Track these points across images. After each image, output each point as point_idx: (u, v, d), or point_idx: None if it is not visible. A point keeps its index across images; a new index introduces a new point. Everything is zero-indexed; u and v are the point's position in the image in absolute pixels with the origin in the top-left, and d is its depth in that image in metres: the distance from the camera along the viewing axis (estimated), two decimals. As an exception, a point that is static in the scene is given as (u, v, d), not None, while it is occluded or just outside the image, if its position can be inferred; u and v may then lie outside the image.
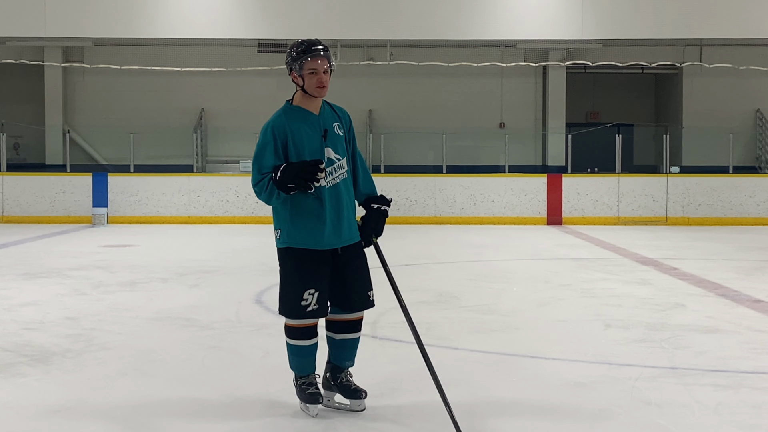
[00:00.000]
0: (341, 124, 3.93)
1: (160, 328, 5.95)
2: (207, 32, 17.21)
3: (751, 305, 6.88)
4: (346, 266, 3.87)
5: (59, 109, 19.19)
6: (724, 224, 15.82)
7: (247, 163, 17.36)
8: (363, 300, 3.93)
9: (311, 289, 3.79)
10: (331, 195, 3.80)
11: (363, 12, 16.77)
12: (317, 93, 3.80)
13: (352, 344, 3.99)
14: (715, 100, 19.31)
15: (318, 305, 3.80)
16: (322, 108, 3.89)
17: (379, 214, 3.95)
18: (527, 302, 7.13)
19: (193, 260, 9.95)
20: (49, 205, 16.16)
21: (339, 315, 3.95)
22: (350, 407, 3.94)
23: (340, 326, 3.96)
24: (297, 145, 3.78)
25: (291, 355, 3.93)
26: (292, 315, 3.86)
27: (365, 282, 3.93)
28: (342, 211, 3.83)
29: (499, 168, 17.80)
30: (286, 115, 3.84)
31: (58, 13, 16.72)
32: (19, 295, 7.29)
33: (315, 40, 3.84)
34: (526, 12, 17.12)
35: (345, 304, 3.91)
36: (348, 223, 3.86)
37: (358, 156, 4.02)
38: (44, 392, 4.27)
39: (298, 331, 3.87)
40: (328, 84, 3.80)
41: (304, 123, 3.82)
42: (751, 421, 3.83)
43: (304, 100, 3.85)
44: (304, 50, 3.78)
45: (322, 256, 3.82)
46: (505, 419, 3.79)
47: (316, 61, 3.75)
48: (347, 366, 4.01)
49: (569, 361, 4.98)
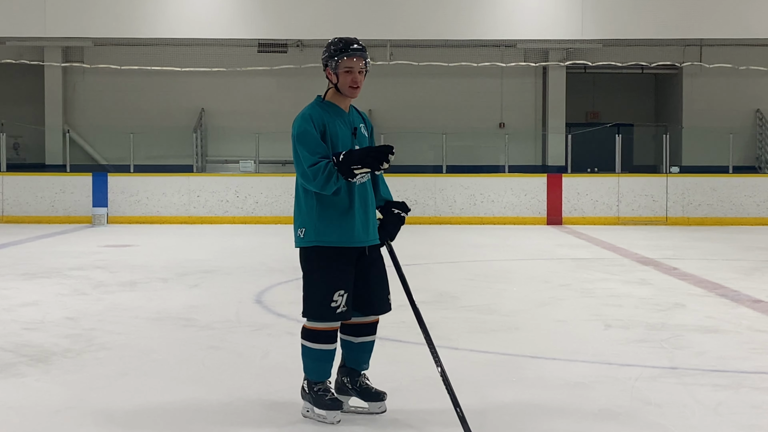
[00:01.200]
0: (365, 127, 3.95)
1: (160, 328, 5.95)
2: (207, 32, 17.22)
3: (751, 305, 6.88)
4: (370, 268, 3.83)
5: (59, 109, 19.20)
6: (724, 224, 15.82)
7: (247, 163, 17.39)
8: (384, 303, 3.89)
9: (341, 290, 3.70)
10: (360, 193, 3.78)
11: (363, 12, 16.77)
12: (350, 93, 3.77)
13: (370, 347, 3.95)
14: (715, 100, 19.31)
15: (346, 307, 3.72)
16: (350, 108, 3.90)
17: (398, 218, 3.94)
18: (527, 302, 7.13)
19: (193, 260, 9.95)
20: (49, 205, 16.16)
21: (358, 318, 3.87)
22: (369, 410, 3.88)
23: (360, 329, 3.90)
24: (332, 136, 3.74)
25: (309, 359, 3.80)
26: (320, 318, 3.73)
27: (386, 285, 3.90)
28: (368, 209, 3.82)
29: (499, 168, 17.80)
30: (321, 107, 3.80)
31: (58, 13, 16.72)
32: (19, 295, 7.29)
33: (353, 39, 3.80)
34: (526, 12, 17.13)
35: (366, 307, 3.84)
36: (373, 223, 3.85)
37: None
38: (44, 392, 4.27)
39: (322, 334, 3.76)
40: (361, 84, 3.77)
41: (337, 117, 3.80)
42: (751, 421, 3.83)
43: (336, 98, 3.82)
44: (342, 48, 3.74)
45: (350, 255, 3.76)
46: (505, 419, 3.79)
47: (352, 60, 3.72)
48: (364, 369, 3.95)
49: (569, 361, 4.98)
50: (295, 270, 9.16)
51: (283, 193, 16.14)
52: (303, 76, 18.72)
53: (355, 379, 3.92)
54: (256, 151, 17.66)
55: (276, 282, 8.17)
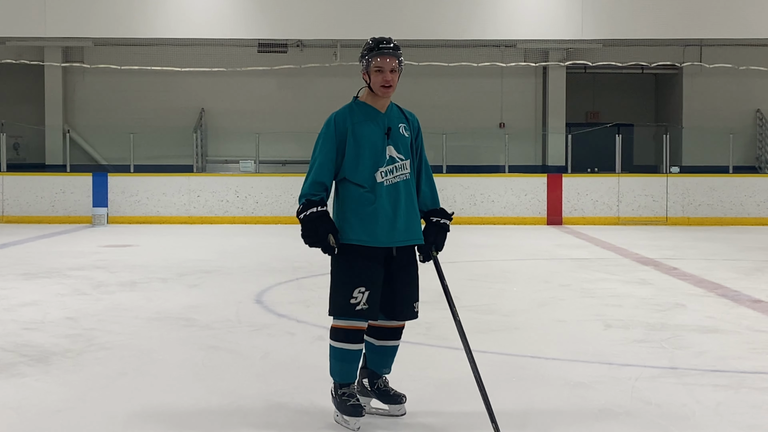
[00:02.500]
0: (408, 127, 3.87)
1: (160, 328, 5.95)
2: (207, 32, 17.22)
3: (751, 305, 6.88)
4: (399, 273, 3.78)
5: (59, 109, 19.20)
6: (724, 224, 15.82)
7: (247, 163, 17.40)
8: (409, 310, 3.82)
9: (361, 287, 3.66)
10: (389, 193, 3.71)
11: (363, 12, 16.77)
12: (381, 92, 3.74)
13: (393, 351, 3.91)
14: (715, 100, 19.32)
15: (368, 305, 3.67)
16: (390, 108, 3.84)
17: (438, 227, 3.86)
18: (527, 302, 7.13)
19: (193, 260, 9.95)
20: (49, 205, 16.16)
21: (382, 321, 3.83)
22: (389, 412, 3.87)
23: (383, 332, 3.86)
24: (357, 138, 3.72)
25: (333, 359, 3.78)
26: (340, 313, 3.71)
27: (414, 292, 3.84)
28: (399, 209, 3.73)
29: (499, 168, 17.80)
30: (351, 109, 3.79)
31: (58, 13, 16.73)
32: (19, 295, 7.29)
33: (386, 39, 3.79)
34: (526, 12, 17.13)
35: (390, 311, 3.79)
36: (406, 223, 3.75)
37: (424, 165, 3.94)
38: (44, 392, 4.26)
39: (344, 333, 3.72)
40: (395, 84, 3.74)
41: (368, 118, 3.76)
42: (751, 421, 3.83)
43: (370, 98, 3.80)
44: (372, 47, 3.74)
45: (375, 255, 3.71)
46: (505, 419, 3.79)
47: (384, 60, 3.70)
48: (384, 373, 3.92)
49: (569, 361, 4.98)
50: (295, 270, 9.22)
51: (283, 193, 16.15)
52: (303, 76, 18.75)
53: (374, 381, 3.91)
54: (256, 151, 17.66)
55: (276, 282, 8.17)
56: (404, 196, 3.75)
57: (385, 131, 3.76)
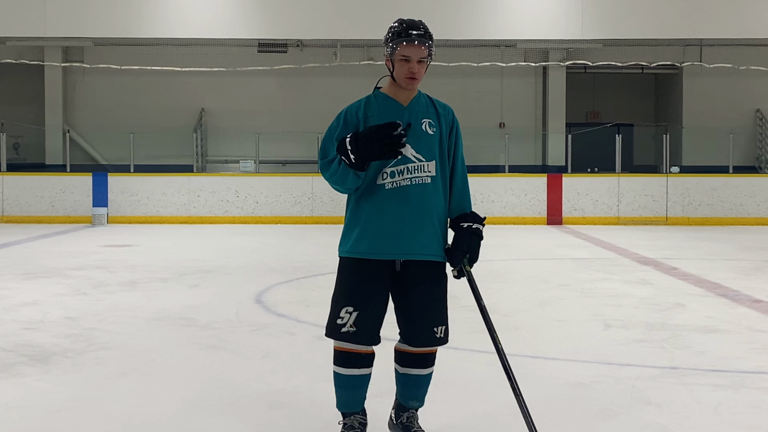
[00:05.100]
0: (434, 122, 3.32)
1: (160, 328, 5.95)
2: (207, 32, 17.23)
3: (751, 305, 6.88)
4: (411, 291, 3.24)
5: (59, 109, 19.21)
6: (724, 224, 15.82)
7: (247, 163, 17.40)
8: (427, 335, 3.27)
9: (348, 306, 3.18)
10: (394, 197, 3.19)
11: (363, 12, 16.77)
12: (405, 84, 3.22)
13: (417, 381, 3.36)
14: (715, 100, 19.32)
15: (355, 327, 3.18)
16: (416, 100, 3.32)
17: (470, 234, 3.27)
18: (527, 302, 7.13)
19: (193, 260, 9.95)
20: (49, 205, 16.16)
21: (404, 346, 3.35)
22: None
23: (404, 358, 3.36)
24: None
25: (334, 384, 3.35)
26: (328, 333, 3.27)
27: (433, 316, 3.27)
28: (406, 217, 3.18)
29: (499, 168, 17.80)
30: (367, 101, 3.28)
31: (58, 13, 16.73)
32: (19, 295, 7.29)
33: (416, 22, 3.28)
34: (526, 12, 17.13)
35: (405, 335, 3.32)
36: (415, 234, 3.20)
37: (458, 165, 3.37)
38: (44, 392, 4.26)
39: (338, 355, 3.28)
40: (421, 76, 3.23)
41: (384, 111, 3.23)
42: (751, 421, 3.83)
43: (392, 89, 3.29)
44: (400, 32, 3.21)
45: (372, 270, 3.20)
46: (505, 419, 3.79)
47: (412, 48, 3.18)
48: (412, 406, 3.42)
49: (569, 361, 4.98)
50: (295, 270, 9.22)
51: (283, 193, 16.15)
52: (303, 76, 18.74)
53: (399, 414, 3.45)
54: (256, 151, 17.66)
55: (276, 282, 8.17)
56: (417, 203, 3.20)
57: (404, 127, 3.16)
